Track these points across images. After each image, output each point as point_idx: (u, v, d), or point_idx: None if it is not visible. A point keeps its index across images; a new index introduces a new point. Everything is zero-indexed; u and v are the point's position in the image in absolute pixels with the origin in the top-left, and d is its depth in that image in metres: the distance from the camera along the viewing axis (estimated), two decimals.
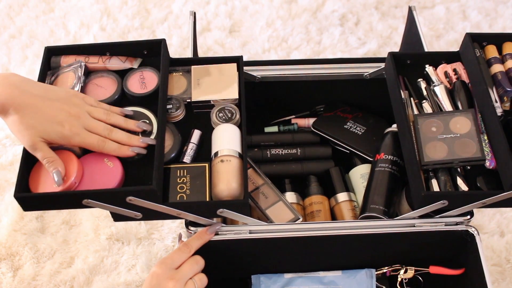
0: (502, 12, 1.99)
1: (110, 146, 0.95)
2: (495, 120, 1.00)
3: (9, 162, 1.63)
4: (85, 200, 0.91)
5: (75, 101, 0.95)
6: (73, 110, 0.93)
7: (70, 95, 0.96)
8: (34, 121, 0.90)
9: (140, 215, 0.96)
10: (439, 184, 1.00)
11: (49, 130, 0.90)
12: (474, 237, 1.03)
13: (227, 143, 1.02)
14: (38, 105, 0.90)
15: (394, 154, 1.12)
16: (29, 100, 0.90)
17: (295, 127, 1.32)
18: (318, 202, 1.17)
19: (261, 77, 1.21)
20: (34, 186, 0.93)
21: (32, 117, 0.90)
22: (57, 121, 0.91)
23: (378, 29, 1.94)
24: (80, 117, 0.93)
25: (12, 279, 1.42)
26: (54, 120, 0.91)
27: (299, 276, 1.13)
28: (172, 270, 0.94)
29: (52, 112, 0.91)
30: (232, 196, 0.97)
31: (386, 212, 1.06)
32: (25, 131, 0.89)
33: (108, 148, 0.95)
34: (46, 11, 2.01)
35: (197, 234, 1.00)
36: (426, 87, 1.12)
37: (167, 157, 1.03)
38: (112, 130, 0.97)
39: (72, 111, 0.93)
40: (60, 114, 0.92)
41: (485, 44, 1.12)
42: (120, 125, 0.99)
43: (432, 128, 1.03)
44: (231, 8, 1.99)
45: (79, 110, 0.94)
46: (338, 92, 1.28)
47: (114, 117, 0.99)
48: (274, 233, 1.03)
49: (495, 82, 1.07)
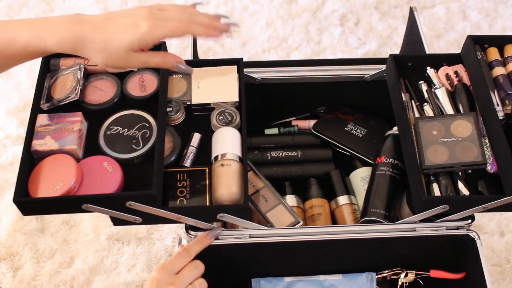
0: (502, 12, 1.99)
1: (197, 28, 0.90)
2: (496, 123, 0.99)
3: (9, 162, 1.63)
4: (84, 205, 0.90)
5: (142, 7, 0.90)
6: (143, 10, 0.88)
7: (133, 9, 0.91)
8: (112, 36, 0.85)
9: (139, 220, 0.96)
10: (440, 188, 0.99)
11: (128, 35, 0.86)
12: (475, 241, 1.03)
13: (227, 147, 1.01)
14: (107, 24, 0.86)
15: (395, 157, 1.11)
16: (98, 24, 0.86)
17: (296, 129, 1.32)
18: (318, 205, 1.17)
19: (261, 79, 1.21)
20: (33, 190, 0.93)
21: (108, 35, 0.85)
22: (132, 24, 0.86)
23: (378, 29, 1.94)
24: (153, 12, 0.88)
25: (12, 279, 1.42)
26: (129, 24, 0.86)
27: (300, 280, 1.12)
28: (172, 275, 0.94)
29: (124, 21, 0.87)
30: (232, 200, 0.97)
31: (386, 216, 1.06)
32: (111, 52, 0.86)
33: (195, 29, 0.90)
34: (46, 11, 2.00)
35: (197, 239, 1.00)
36: (427, 89, 1.11)
37: (167, 160, 1.03)
38: (191, 17, 0.91)
39: (143, 11, 0.88)
40: (132, 18, 0.87)
41: (486, 46, 1.12)
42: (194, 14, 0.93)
43: (433, 131, 1.02)
44: (231, 8, 1.99)
45: (148, 8, 0.89)
46: (339, 94, 1.28)
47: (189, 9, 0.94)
48: (274, 238, 1.03)
49: (497, 85, 1.06)
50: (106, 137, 1.01)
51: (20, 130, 1.68)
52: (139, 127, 1.01)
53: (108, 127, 1.02)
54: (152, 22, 0.86)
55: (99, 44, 0.86)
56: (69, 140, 0.97)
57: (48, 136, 0.98)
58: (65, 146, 0.97)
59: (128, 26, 0.86)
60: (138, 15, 0.88)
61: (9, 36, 0.86)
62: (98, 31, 0.85)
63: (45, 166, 0.95)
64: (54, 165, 0.95)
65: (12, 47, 0.87)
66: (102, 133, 1.01)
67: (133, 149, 0.99)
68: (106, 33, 0.85)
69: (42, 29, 0.86)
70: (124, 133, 1.01)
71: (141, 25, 0.86)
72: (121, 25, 0.86)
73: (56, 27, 0.86)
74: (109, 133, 1.01)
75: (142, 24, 0.86)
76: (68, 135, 0.98)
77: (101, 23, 0.86)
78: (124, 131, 1.01)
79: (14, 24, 0.88)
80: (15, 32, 0.86)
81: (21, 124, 1.69)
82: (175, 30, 0.88)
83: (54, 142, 0.97)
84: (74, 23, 0.86)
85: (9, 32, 0.87)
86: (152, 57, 0.91)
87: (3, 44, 0.87)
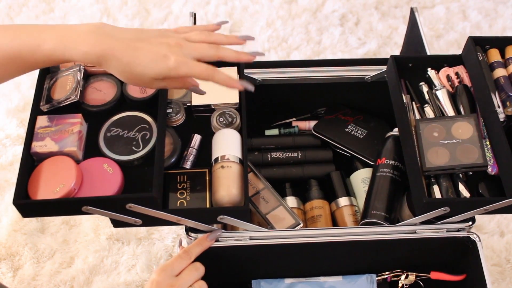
0: (502, 12, 1.99)
1: (220, 76, 0.89)
2: (497, 125, 0.99)
3: (9, 162, 1.63)
4: (84, 207, 0.90)
5: (169, 33, 0.90)
6: (172, 41, 0.88)
7: (162, 30, 0.91)
8: (139, 62, 0.85)
9: (140, 222, 0.95)
10: (441, 190, 0.99)
11: (155, 67, 0.85)
12: (475, 243, 1.03)
13: (227, 148, 1.01)
14: (136, 46, 0.86)
15: (395, 159, 1.11)
16: (127, 45, 0.85)
17: (296, 130, 1.31)
18: (318, 207, 1.17)
19: (261, 80, 1.21)
20: (33, 192, 0.93)
21: (136, 60, 0.85)
22: (161, 56, 0.86)
23: (378, 29, 1.94)
24: (182, 45, 0.88)
25: (12, 279, 1.42)
26: (158, 55, 0.85)
27: (300, 281, 1.12)
28: (172, 277, 0.94)
29: (153, 48, 0.86)
30: (233, 202, 0.96)
31: (387, 218, 1.06)
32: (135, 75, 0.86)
33: (217, 77, 0.89)
34: (46, 11, 2.00)
35: (197, 241, 1.00)
36: (428, 91, 1.11)
37: (167, 162, 1.03)
38: (218, 47, 0.91)
39: (172, 42, 0.87)
40: (161, 48, 0.86)
41: (487, 47, 1.11)
42: (222, 42, 0.93)
43: (434, 133, 1.02)
44: (231, 8, 1.99)
45: (177, 39, 0.88)
46: (339, 94, 1.28)
47: (214, 35, 0.92)
48: (274, 240, 1.03)
49: (498, 86, 1.06)
50: (106, 139, 1.00)
51: (20, 130, 1.68)
52: (139, 128, 1.01)
53: (108, 129, 1.01)
54: (180, 59, 0.86)
55: (125, 66, 0.85)
56: (69, 142, 0.97)
57: (48, 137, 0.98)
58: (65, 148, 0.96)
59: (157, 57, 0.85)
60: (167, 44, 0.87)
61: (34, 43, 0.85)
62: (126, 52, 0.84)
63: (45, 168, 0.95)
64: (54, 167, 0.95)
65: (36, 55, 0.85)
66: (102, 134, 1.01)
67: (133, 150, 0.99)
68: (134, 57, 0.85)
69: (68, 39, 0.85)
70: (124, 135, 1.01)
71: (169, 58, 0.85)
72: (150, 53, 0.85)
73: (83, 39, 0.84)
74: (109, 134, 1.01)
75: (171, 58, 0.85)
76: (68, 136, 0.98)
77: (131, 44, 0.85)
78: (124, 132, 1.01)
79: (40, 30, 0.86)
80: (41, 40, 0.85)
81: (21, 124, 1.69)
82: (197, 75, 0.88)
83: (54, 144, 0.97)
84: (102, 37, 0.85)
85: (34, 39, 0.85)
86: (173, 83, 0.91)
87: (28, 51, 0.85)
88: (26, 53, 0.85)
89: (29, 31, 0.86)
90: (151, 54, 0.85)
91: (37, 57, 0.85)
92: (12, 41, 0.85)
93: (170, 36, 0.89)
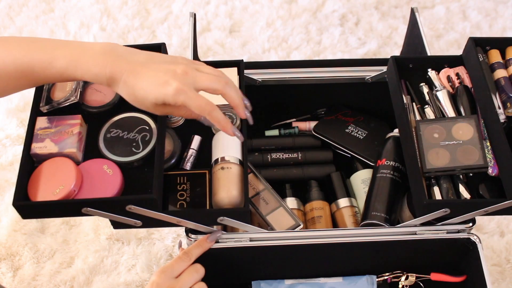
0: (502, 12, 1.99)
1: (217, 115, 0.87)
2: (498, 126, 0.99)
3: (9, 162, 1.63)
4: (84, 209, 0.90)
5: (181, 61, 0.89)
6: (180, 68, 0.86)
7: (176, 57, 0.90)
8: (141, 86, 0.84)
9: (140, 223, 0.95)
10: (441, 192, 0.99)
11: (155, 91, 0.84)
12: (476, 244, 1.03)
13: (227, 150, 1.01)
14: (143, 70, 0.85)
15: (395, 160, 1.11)
16: (134, 68, 0.85)
17: (296, 130, 1.31)
18: (319, 208, 1.17)
19: (261, 81, 1.21)
20: (33, 193, 0.93)
21: (139, 83, 0.84)
22: (163, 81, 0.84)
23: (378, 29, 1.94)
24: (188, 74, 0.86)
25: (12, 279, 1.42)
26: (159, 80, 0.84)
27: (300, 283, 1.12)
28: (172, 279, 0.94)
29: (158, 73, 0.85)
30: (233, 204, 0.96)
31: (387, 220, 1.06)
32: (138, 99, 0.85)
33: (214, 115, 0.86)
34: (46, 11, 2.00)
35: (197, 242, 1.00)
36: (428, 91, 1.11)
37: (167, 163, 1.03)
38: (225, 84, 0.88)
39: (179, 69, 0.86)
40: (166, 74, 0.85)
41: (488, 48, 1.11)
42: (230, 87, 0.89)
43: (434, 134, 1.02)
44: (231, 8, 1.98)
45: (186, 67, 0.87)
46: (340, 95, 1.28)
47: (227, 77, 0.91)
48: (274, 241, 1.03)
49: (498, 87, 1.06)
50: (106, 140, 1.00)
51: (20, 130, 1.68)
52: (139, 130, 1.01)
53: (108, 130, 1.01)
54: (181, 87, 0.84)
55: (130, 88, 0.85)
56: (69, 143, 0.97)
57: (47, 139, 0.97)
58: (64, 149, 0.96)
59: (158, 82, 0.84)
60: (173, 71, 0.85)
61: (47, 60, 0.85)
62: (132, 75, 0.84)
63: (45, 169, 0.95)
64: (54, 168, 0.94)
65: (48, 71, 0.85)
66: (102, 136, 1.01)
67: (133, 152, 0.99)
68: (137, 81, 0.84)
69: (81, 59, 0.85)
70: (124, 136, 1.00)
71: (170, 84, 0.84)
72: (152, 78, 0.85)
73: (95, 60, 0.84)
74: (109, 136, 1.01)
75: (171, 84, 0.84)
76: (67, 138, 0.98)
77: (138, 68, 0.85)
78: (124, 134, 1.01)
79: (54, 47, 0.86)
80: (54, 57, 0.85)
81: (21, 124, 1.69)
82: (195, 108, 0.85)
83: (54, 145, 0.97)
84: (113, 58, 0.85)
85: (47, 55, 0.85)
86: (177, 111, 0.90)
87: (40, 67, 0.85)
88: (38, 68, 0.85)
89: (43, 46, 0.86)
90: (153, 78, 0.84)
91: (49, 73, 0.86)
92: (25, 55, 0.85)
93: (180, 63, 0.87)
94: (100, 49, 0.86)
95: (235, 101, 0.89)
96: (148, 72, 0.85)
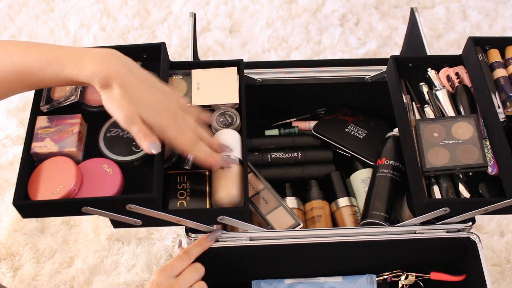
0: (502, 12, 1.99)
1: (201, 149, 0.92)
2: (497, 125, 0.99)
3: (9, 162, 1.63)
4: (84, 208, 0.90)
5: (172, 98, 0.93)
6: (172, 106, 0.91)
7: (169, 91, 0.94)
8: (137, 98, 0.87)
9: (140, 222, 0.95)
10: (441, 191, 0.99)
11: (149, 113, 0.87)
12: (475, 244, 1.03)
13: None
14: (142, 87, 0.88)
15: (395, 159, 1.11)
16: (134, 80, 0.88)
17: (296, 130, 1.31)
18: (318, 207, 1.17)
19: (261, 80, 1.21)
20: (33, 192, 0.93)
21: (136, 95, 0.87)
22: (157, 109, 0.88)
23: (378, 29, 1.94)
24: (176, 115, 0.91)
25: (12, 279, 1.42)
26: (155, 107, 0.88)
27: (300, 282, 1.12)
28: (172, 278, 0.94)
29: (154, 99, 0.89)
30: (233, 203, 0.96)
31: (387, 219, 1.06)
32: (126, 105, 0.86)
33: (198, 150, 0.92)
34: (46, 11, 2.00)
35: (197, 241, 1.00)
36: (428, 91, 1.11)
37: (167, 162, 1.02)
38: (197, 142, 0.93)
39: (171, 107, 0.91)
40: (160, 104, 0.89)
41: (488, 48, 1.12)
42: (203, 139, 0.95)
43: (434, 133, 1.02)
44: (231, 8, 1.98)
45: (175, 109, 0.91)
46: (339, 95, 1.28)
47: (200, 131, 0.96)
48: (274, 240, 1.03)
49: (498, 87, 1.06)
50: (106, 139, 1.00)
51: (20, 130, 1.68)
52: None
53: (108, 129, 1.01)
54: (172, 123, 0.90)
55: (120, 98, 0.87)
56: (69, 142, 0.97)
57: (47, 138, 0.98)
58: (64, 149, 0.96)
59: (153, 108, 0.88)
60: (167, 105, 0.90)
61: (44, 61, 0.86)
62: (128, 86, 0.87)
63: (45, 169, 0.95)
64: (54, 167, 0.95)
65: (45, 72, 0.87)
66: (102, 135, 1.01)
67: (133, 151, 0.99)
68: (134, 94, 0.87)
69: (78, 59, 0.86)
70: (124, 135, 1.00)
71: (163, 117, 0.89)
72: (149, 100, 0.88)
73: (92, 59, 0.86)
74: (109, 135, 1.01)
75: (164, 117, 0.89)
76: (67, 137, 0.98)
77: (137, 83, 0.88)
78: (124, 133, 1.01)
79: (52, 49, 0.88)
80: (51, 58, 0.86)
81: (21, 124, 1.69)
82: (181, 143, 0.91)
83: (54, 145, 0.97)
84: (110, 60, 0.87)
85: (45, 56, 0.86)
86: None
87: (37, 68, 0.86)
88: (35, 69, 0.86)
89: (41, 49, 0.87)
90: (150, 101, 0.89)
91: (45, 74, 0.86)
92: (23, 57, 0.86)
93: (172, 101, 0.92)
94: (99, 52, 0.87)
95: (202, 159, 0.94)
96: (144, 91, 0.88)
